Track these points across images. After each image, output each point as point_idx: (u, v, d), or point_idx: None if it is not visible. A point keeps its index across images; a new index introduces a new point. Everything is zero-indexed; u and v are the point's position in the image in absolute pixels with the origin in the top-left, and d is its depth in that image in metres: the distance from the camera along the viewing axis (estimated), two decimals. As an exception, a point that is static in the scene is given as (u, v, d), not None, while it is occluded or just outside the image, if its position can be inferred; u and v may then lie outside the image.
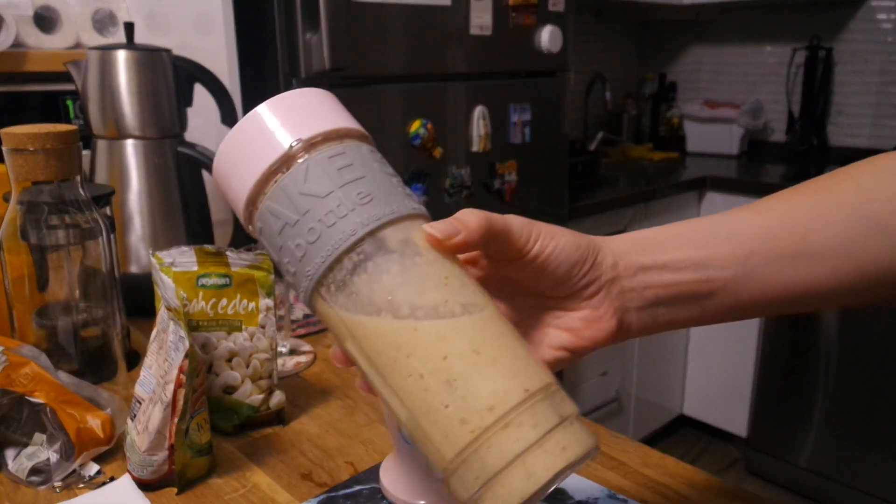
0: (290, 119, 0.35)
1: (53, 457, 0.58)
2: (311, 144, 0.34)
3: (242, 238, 1.00)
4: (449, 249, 0.34)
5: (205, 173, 1.01)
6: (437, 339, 0.32)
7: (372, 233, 0.33)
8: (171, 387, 0.54)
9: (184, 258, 0.64)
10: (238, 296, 0.64)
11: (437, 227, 0.34)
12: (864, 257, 0.40)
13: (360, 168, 0.34)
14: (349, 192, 0.33)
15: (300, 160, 0.34)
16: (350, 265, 0.33)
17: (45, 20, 1.18)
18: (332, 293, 0.33)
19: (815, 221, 0.41)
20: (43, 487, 0.57)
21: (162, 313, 0.58)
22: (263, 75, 1.40)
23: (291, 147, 0.34)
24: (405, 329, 0.32)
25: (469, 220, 0.34)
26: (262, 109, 0.35)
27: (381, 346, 0.32)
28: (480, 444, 0.30)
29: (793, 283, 0.39)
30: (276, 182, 0.34)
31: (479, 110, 1.58)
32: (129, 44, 0.96)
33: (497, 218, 0.35)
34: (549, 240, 0.36)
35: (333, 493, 0.57)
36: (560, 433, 0.31)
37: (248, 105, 1.42)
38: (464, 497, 0.31)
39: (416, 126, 1.48)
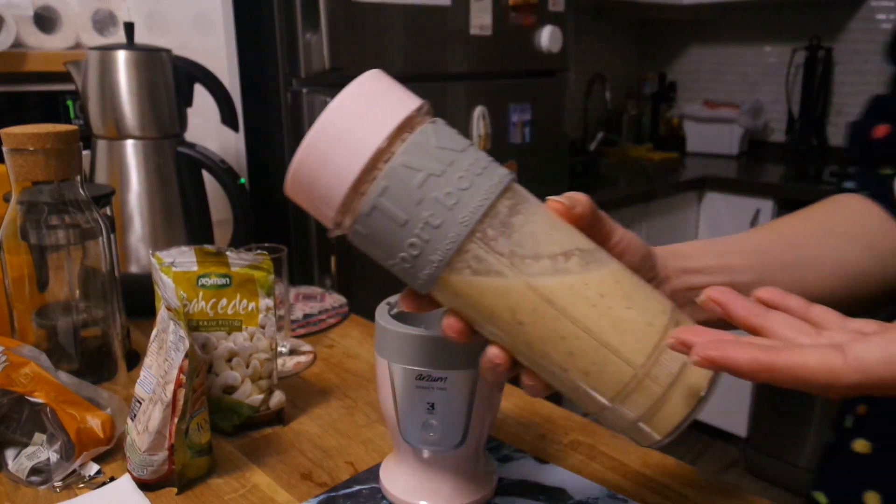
0: (398, 90, 0.36)
1: (53, 457, 0.58)
2: (427, 111, 0.35)
3: (242, 238, 1.00)
4: (569, 218, 0.38)
5: (205, 173, 1.01)
6: (604, 266, 0.36)
7: (510, 184, 0.35)
8: (171, 387, 0.54)
9: (184, 258, 0.64)
10: (238, 296, 0.64)
11: (561, 198, 0.39)
12: (843, 266, 0.51)
13: (466, 136, 0.37)
14: (478, 150, 0.35)
15: (424, 124, 0.35)
16: (505, 209, 0.34)
17: (45, 20, 1.18)
18: (490, 238, 0.34)
19: (803, 239, 0.52)
20: (43, 487, 0.57)
21: (162, 313, 0.58)
22: (263, 75, 1.40)
23: (421, 108, 0.35)
24: (579, 264, 0.35)
25: (580, 197, 0.39)
26: (369, 78, 0.36)
27: (556, 285, 0.34)
28: (665, 342, 0.34)
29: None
30: (403, 140, 0.34)
31: (479, 110, 1.58)
32: (129, 44, 0.96)
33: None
34: (627, 232, 0.43)
35: (333, 493, 0.57)
36: None
37: (248, 105, 1.42)
38: (657, 394, 0.34)
39: (416, 126, 1.48)
